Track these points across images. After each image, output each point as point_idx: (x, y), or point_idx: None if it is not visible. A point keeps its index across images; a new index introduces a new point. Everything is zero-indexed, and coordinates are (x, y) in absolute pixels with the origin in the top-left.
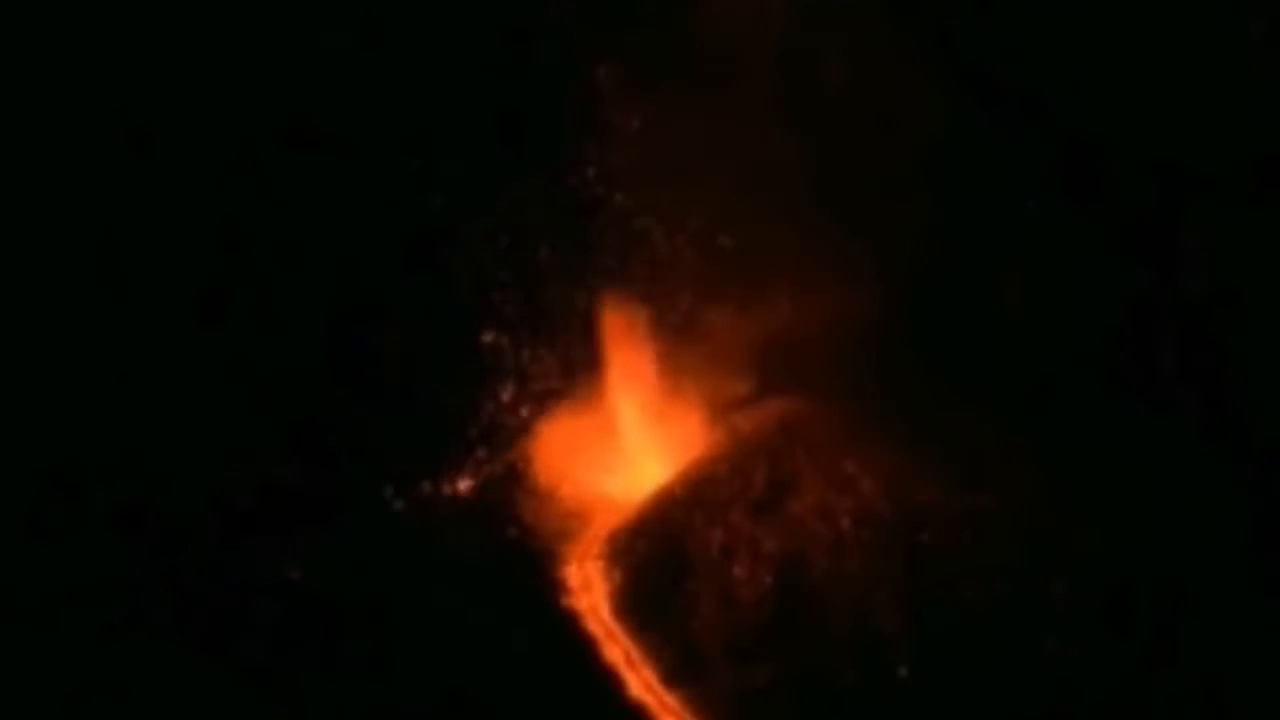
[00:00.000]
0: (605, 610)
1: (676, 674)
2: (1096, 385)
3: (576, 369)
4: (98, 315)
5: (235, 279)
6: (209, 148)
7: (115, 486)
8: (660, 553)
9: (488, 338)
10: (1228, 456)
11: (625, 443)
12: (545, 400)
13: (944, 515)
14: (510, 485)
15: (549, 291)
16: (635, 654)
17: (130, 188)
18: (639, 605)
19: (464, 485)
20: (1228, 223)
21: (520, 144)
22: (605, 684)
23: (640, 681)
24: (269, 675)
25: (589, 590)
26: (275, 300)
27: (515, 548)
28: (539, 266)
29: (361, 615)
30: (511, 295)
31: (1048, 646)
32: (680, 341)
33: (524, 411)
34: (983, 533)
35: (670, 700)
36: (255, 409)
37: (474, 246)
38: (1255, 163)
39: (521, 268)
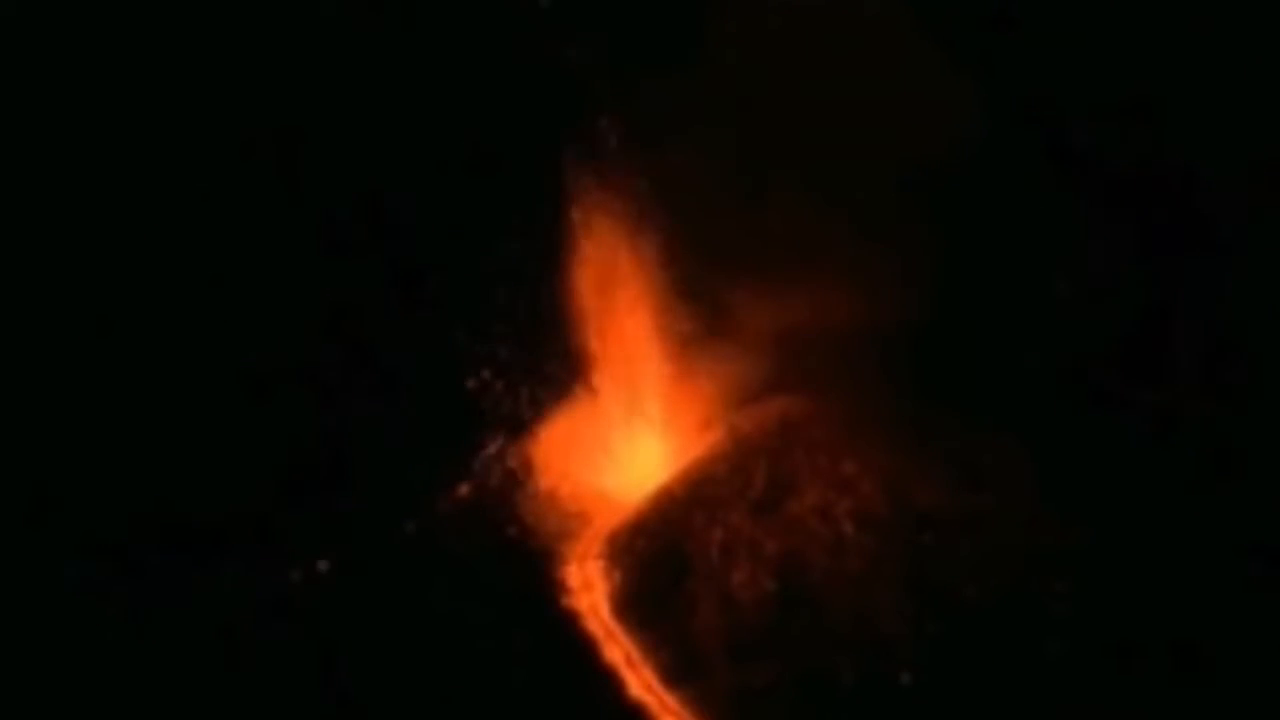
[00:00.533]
0: (605, 610)
1: (676, 674)
2: (1096, 386)
3: (577, 370)
4: (99, 323)
5: (235, 278)
6: (209, 187)
7: (117, 492)
8: (660, 553)
9: (489, 340)
10: (1228, 457)
11: (626, 443)
12: (546, 401)
13: (944, 515)
14: (510, 485)
15: (551, 294)
16: (635, 654)
17: (131, 189)
18: (639, 605)
19: (464, 485)
20: (1231, 227)
21: (521, 133)
22: (605, 684)
23: (640, 681)
24: (269, 676)
25: (589, 590)
26: (274, 300)
27: (515, 548)
28: (541, 270)
29: (362, 616)
30: (513, 298)
31: (1048, 646)
32: (681, 341)
33: (525, 412)
34: (983, 533)
35: (670, 700)
36: (255, 409)
37: (472, 247)
38: (1263, 170)
39: (523, 270)
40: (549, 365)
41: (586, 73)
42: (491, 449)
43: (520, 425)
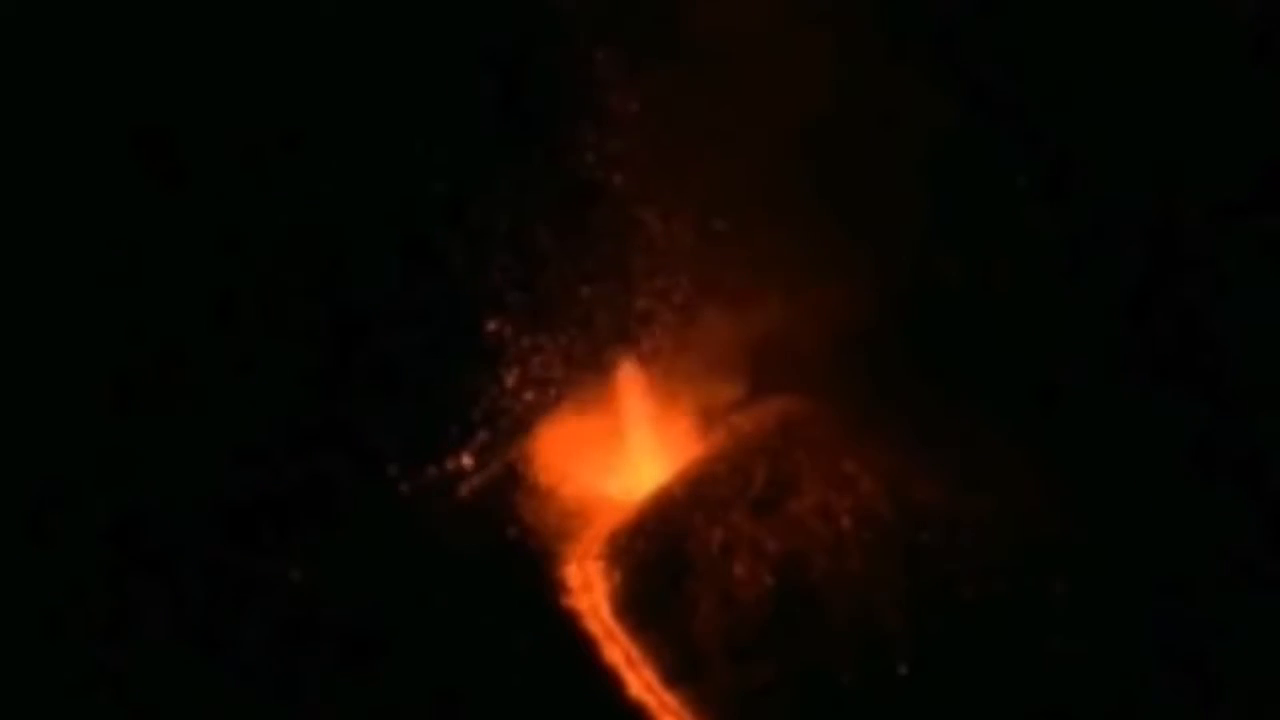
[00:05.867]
0: (605, 610)
1: (676, 674)
2: (1096, 386)
3: (577, 370)
4: (100, 316)
5: (235, 277)
6: (209, 139)
7: (116, 487)
8: (660, 553)
9: (488, 339)
10: (1227, 457)
11: (625, 443)
12: (546, 401)
13: (944, 515)
14: (510, 485)
15: (548, 292)
16: (635, 654)
17: (131, 189)
18: (639, 605)
19: (464, 485)
20: (1226, 224)
21: (519, 135)
22: (605, 684)
23: (640, 681)
24: (269, 675)
25: (589, 590)
26: (275, 300)
27: (515, 548)
28: (538, 267)
29: (361, 615)
30: (511, 296)
31: (1048, 646)
32: (681, 341)
33: (524, 412)
34: (983, 533)
35: (670, 700)
36: (255, 409)
37: (472, 248)
38: (1254, 164)
39: (521, 268)
40: (549, 365)
41: (583, 71)
42: (492, 449)
43: (521, 426)
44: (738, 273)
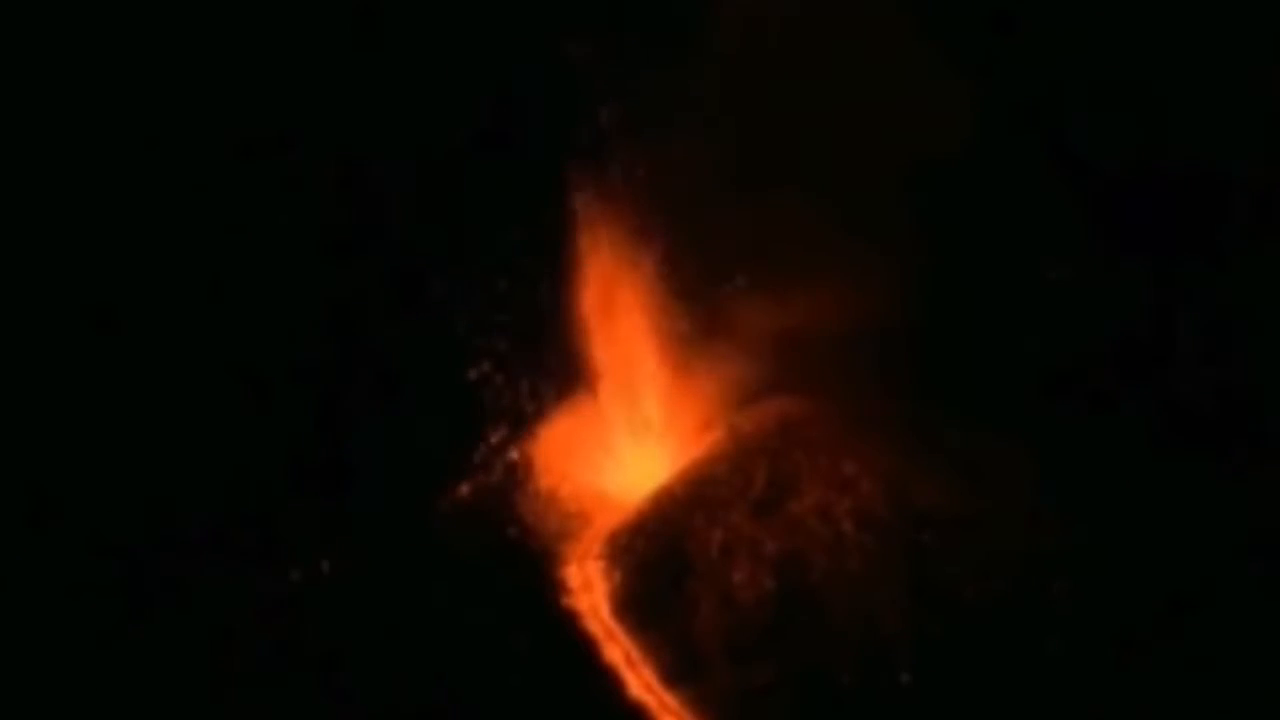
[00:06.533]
0: (605, 610)
1: (676, 674)
2: (1097, 386)
3: (577, 370)
4: (102, 325)
5: (235, 279)
6: (209, 186)
7: (118, 490)
8: (660, 553)
9: (489, 340)
10: (1228, 457)
11: (626, 443)
12: (546, 401)
13: (944, 516)
14: (510, 486)
15: (550, 294)
16: (635, 654)
17: (130, 205)
18: (639, 605)
19: (465, 485)
20: (1233, 226)
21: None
22: (605, 684)
23: (640, 681)
24: (269, 675)
25: (589, 590)
26: (276, 303)
27: (515, 548)
28: (540, 269)
29: (362, 616)
30: (513, 298)
31: (1048, 646)
32: (681, 342)
33: (525, 412)
34: (983, 533)
35: (670, 700)
36: (255, 410)
37: (475, 250)
38: (1261, 168)
39: (522, 270)
40: (549, 365)
41: (586, 70)
42: (492, 449)
43: (521, 425)
44: (740, 275)
